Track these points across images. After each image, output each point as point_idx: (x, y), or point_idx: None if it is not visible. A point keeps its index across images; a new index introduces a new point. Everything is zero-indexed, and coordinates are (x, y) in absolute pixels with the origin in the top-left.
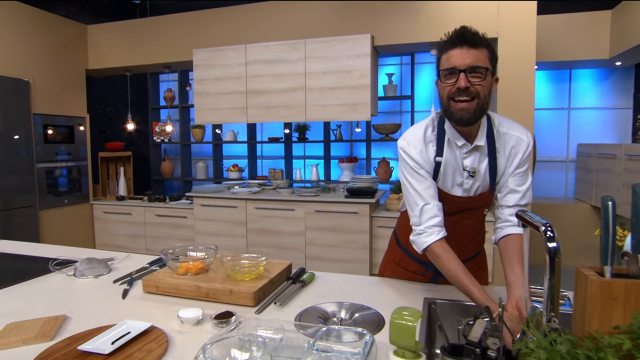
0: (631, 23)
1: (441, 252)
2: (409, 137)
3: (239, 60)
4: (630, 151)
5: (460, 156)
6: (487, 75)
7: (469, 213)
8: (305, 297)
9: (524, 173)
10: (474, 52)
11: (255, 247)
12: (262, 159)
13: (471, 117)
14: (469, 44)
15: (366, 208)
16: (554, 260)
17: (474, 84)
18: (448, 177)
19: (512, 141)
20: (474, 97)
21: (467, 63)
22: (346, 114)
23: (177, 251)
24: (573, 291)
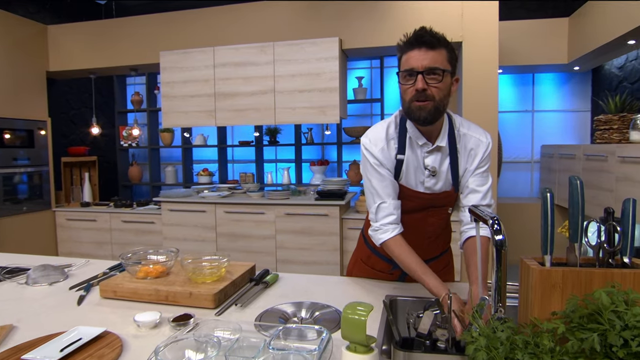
0: (586, 30)
1: (395, 246)
2: (371, 135)
3: (207, 63)
4: (588, 151)
5: (422, 155)
6: (445, 77)
7: (433, 211)
8: (267, 298)
9: (484, 174)
10: (431, 54)
11: (225, 251)
12: (233, 163)
13: (428, 117)
14: (427, 45)
15: (336, 210)
16: (500, 252)
17: (431, 85)
18: (410, 174)
19: (472, 142)
20: (430, 100)
21: (424, 65)
22: (316, 116)
23: (137, 255)
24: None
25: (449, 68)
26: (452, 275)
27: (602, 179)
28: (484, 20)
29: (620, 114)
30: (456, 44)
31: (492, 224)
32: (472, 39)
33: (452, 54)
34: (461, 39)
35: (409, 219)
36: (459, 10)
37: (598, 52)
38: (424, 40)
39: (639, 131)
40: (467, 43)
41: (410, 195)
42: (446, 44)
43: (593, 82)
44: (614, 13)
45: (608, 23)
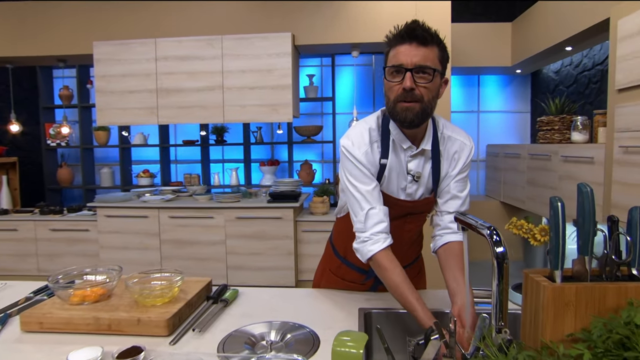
0: (529, 35)
1: (387, 263)
2: (354, 137)
3: (148, 56)
4: (532, 151)
5: (405, 159)
6: (435, 77)
7: (412, 217)
8: (229, 318)
9: (464, 179)
10: (422, 51)
11: (170, 260)
12: (176, 164)
13: (414, 119)
14: (419, 40)
15: (290, 212)
16: (502, 265)
17: (419, 85)
18: (392, 180)
19: (456, 145)
20: (418, 100)
21: (414, 62)
22: (267, 115)
23: (69, 275)
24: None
25: (440, 68)
26: (424, 282)
27: (546, 178)
28: (437, 20)
29: (560, 116)
30: None
31: (489, 235)
32: None
33: (444, 54)
34: None
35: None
36: (412, 11)
37: (539, 56)
38: (416, 35)
39: (579, 132)
40: None
41: (390, 203)
42: (439, 42)
43: (532, 85)
44: (553, 21)
45: (548, 30)
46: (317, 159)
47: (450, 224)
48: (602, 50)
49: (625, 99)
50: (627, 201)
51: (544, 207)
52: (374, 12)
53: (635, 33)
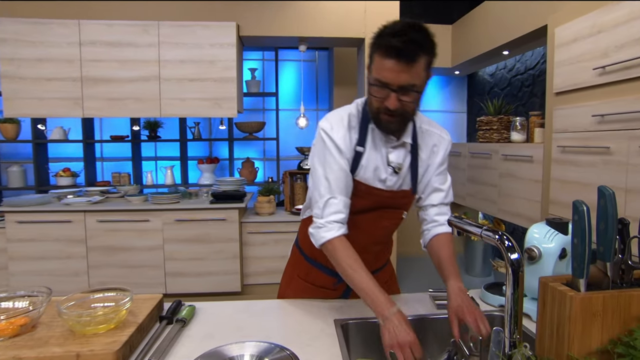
0: (469, 38)
1: (342, 247)
2: (333, 120)
3: (70, 39)
4: (473, 149)
5: (386, 150)
6: (423, 81)
7: (388, 212)
8: (189, 342)
9: (445, 172)
10: (410, 69)
11: (99, 268)
12: (102, 162)
13: (396, 129)
14: (407, 58)
15: (235, 214)
16: (517, 273)
17: (404, 102)
18: (369, 170)
19: (434, 138)
20: (401, 115)
21: (400, 82)
22: (209, 109)
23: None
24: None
25: (426, 77)
26: (398, 289)
27: (487, 175)
28: (386, 18)
29: (498, 116)
30: (359, 40)
31: (500, 241)
32: None
33: (433, 57)
34: (364, 35)
35: (362, 220)
36: (362, 6)
37: (478, 59)
38: (405, 54)
39: (518, 132)
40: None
41: (367, 192)
42: (427, 50)
43: (469, 86)
44: (493, 25)
45: (488, 34)
46: (259, 157)
47: (436, 216)
48: (533, 55)
49: (563, 101)
50: (565, 198)
51: (484, 203)
52: (323, 6)
53: (571, 41)
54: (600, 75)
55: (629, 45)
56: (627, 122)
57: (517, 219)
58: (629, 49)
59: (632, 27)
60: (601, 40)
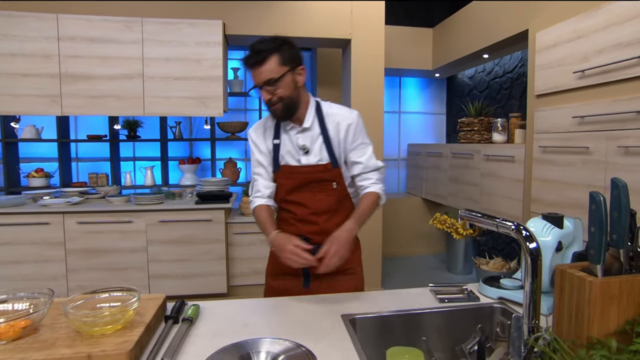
0: (450, 42)
1: (258, 209)
2: (254, 126)
3: (47, 34)
4: (455, 150)
5: (295, 136)
6: (284, 78)
7: (318, 186)
8: (199, 341)
9: (360, 146)
10: (262, 70)
11: (79, 272)
12: (77, 162)
13: (282, 115)
14: (257, 64)
15: (221, 214)
16: (536, 262)
17: (274, 93)
18: (287, 155)
19: (337, 118)
20: (278, 102)
21: (260, 80)
22: (195, 108)
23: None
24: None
25: (285, 69)
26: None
27: (468, 175)
28: (372, 19)
29: (479, 118)
30: (345, 41)
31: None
32: (360, 36)
33: (286, 53)
34: (350, 36)
35: (299, 196)
36: (348, 7)
37: (458, 62)
38: (251, 63)
39: (499, 133)
40: (356, 40)
41: (290, 172)
42: (276, 49)
43: (448, 89)
44: (474, 29)
45: (470, 37)
46: (241, 157)
47: (361, 182)
48: (511, 59)
49: (543, 103)
50: (546, 195)
51: (466, 202)
52: (310, 7)
53: (552, 45)
54: (580, 78)
55: (607, 51)
56: (606, 123)
57: None
58: (608, 54)
59: (610, 33)
60: (581, 45)
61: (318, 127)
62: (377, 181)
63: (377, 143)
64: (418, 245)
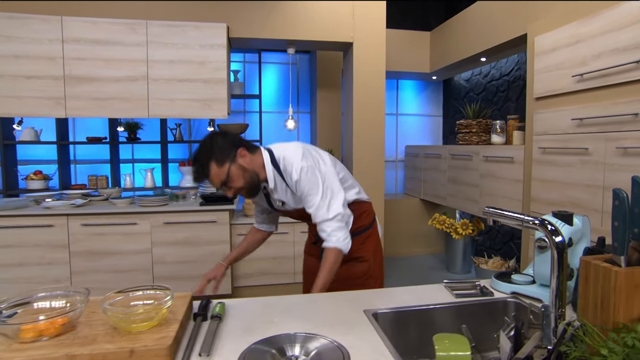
0: (449, 45)
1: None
2: None
3: (51, 36)
4: (453, 151)
5: (270, 195)
6: (230, 173)
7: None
8: (231, 336)
9: (307, 198)
10: (211, 179)
11: (83, 274)
12: (75, 164)
13: (253, 193)
14: (202, 178)
15: (225, 215)
16: (562, 255)
17: (231, 187)
18: (274, 201)
19: (289, 170)
20: (239, 191)
21: (215, 186)
22: (199, 110)
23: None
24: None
25: (226, 166)
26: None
27: (468, 176)
28: (373, 22)
29: (477, 120)
30: (347, 44)
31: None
32: (362, 39)
33: (218, 154)
34: (352, 39)
35: (305, 221)
36: (350, 10)
37: (456, 65)
38: (199, 178)
39: (498, 135)
40: (357, 43)
41: (286, 213)
42: (209, 158)
43: (444, 91)
44: (473, 33)
45: (468, 41)
46: None
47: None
48: (508, 62)
49: (543, 106)
50: (545, 195)
51: (465, 202)
52: (312, 9)
53: (550, 50)
54: (579, 82)
55: (605, 55)
56: (604, 125)
57: None
58: (606, 59)
59: (608, 38)
60: (579, 50)
61: (281, 181)
62: (331, 233)
63: (379, 145)
64: (416, 246)
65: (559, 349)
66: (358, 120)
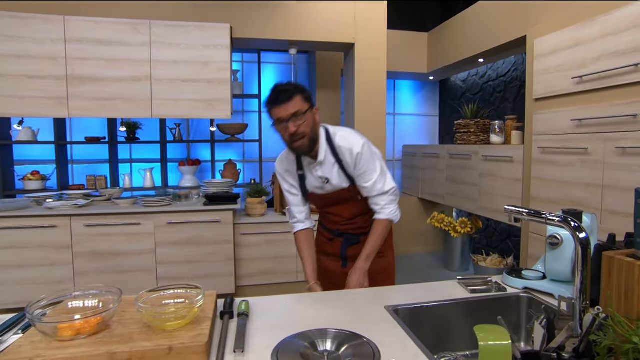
0: (447, 46)
1: (298, 238)
2: (279, 157)
3: (54, 35)
4: (452, 151)
5: (314, 170)
6: (307, 113)
7: (345, 204)
8: (261, 333)
9: (366, 173)
10: (289, 105)
11: (86, 275)
12: (72, 164)
13: (307, 150)
14: (286, 100)
15: (229, 215)
16: (586, 250)
17: (299, 126)
18: (311, 184)
19: (343, 150)
20: (303, 136)
21: (288, 113)
22: (203, 110)
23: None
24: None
25: (307, 106)
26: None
27: (467, 175)
28: (374, 23)
29: (475, 120)
30: (349, 45)
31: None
32: (363, 40)
33: (305, 93)
34: (354, 40)
35: (332, 209)
36: (351, 11)
37: (453, 65)
38: (280, 100)
39: (497, 135)
40: (359, 44)
41: (317, 197)
42: (298, 91)
43: (441, 91)
44: (472, 34)
45: (466, 42)
46: (240, 159)
47: (372, 205)
48: (504, 64)
49: (542, 107)
50: (544, 194)
51: (464, 201)
52: (314, 10)
53: (550, 52)
54: (578, 83)
55: (604, 58)
56: (603, 126)
57: (497, 215)
58: (605, 61)
59: (606, 42)
60: (579, 53)
61: (332, 156)
62: (385, 206)
63: (380, 145)
64: (414, 244)
65: (589, 338)
66: (360, 120)
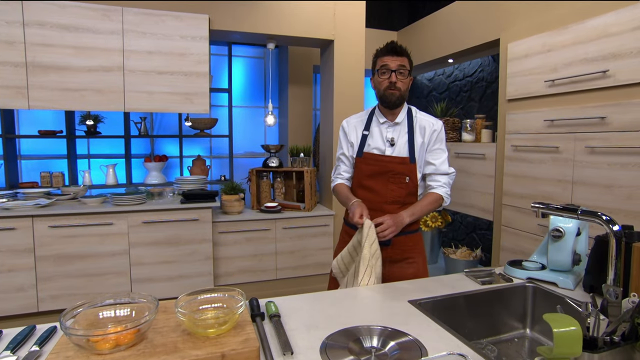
0: (417, 45)
1: (339, 186)
2: (349, 117)
3: (10, 17)
4: None
5: (385, 129)
6: (408, 75)
7: (392, 177)
8: (299, 333)
9: (437, 151)
10: (399, 59)
11: (50, 281)
12: (20, 160)
13: (396, 101)
14: (397, 53)
15: (208, 213)
16: (620, 242)
17: (399, 79)
18: (373, 144)
19: (424, 122)
20: (398, 90)
21: (396, 65)
22: (180, 104)
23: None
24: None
25: (409, 70)
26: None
27: None
28: (353, 20)
29: (444, 118)
30: (328, 41)
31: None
32: (342, 37)
33: (411, 62)
34: (333, 37)
35: (374, 183)
36: (331, 8)
37: (423, 65)
38: (396, 50)
39: (468, 133)
40: (338, 41)
41: (372, 159)
42: (408, 55)
43: None
44: (443, 35)
45: (438, 42)
46: (206, 154)
47: (430, 182)
48: (471, 65)
49: (515, 107)
50: (516, 189)
51: None
52: (295, 5)
53: (523, 56)
54: (550, 87)
55: (575, 64)
56: (574, 127)
57: (471, 210)
58: (576, 67)
59: (577, 49)
60: (551, 58)
61: (407, 125)
62: (443, 185)
63: None
64: None
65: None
66: (339, 115)
